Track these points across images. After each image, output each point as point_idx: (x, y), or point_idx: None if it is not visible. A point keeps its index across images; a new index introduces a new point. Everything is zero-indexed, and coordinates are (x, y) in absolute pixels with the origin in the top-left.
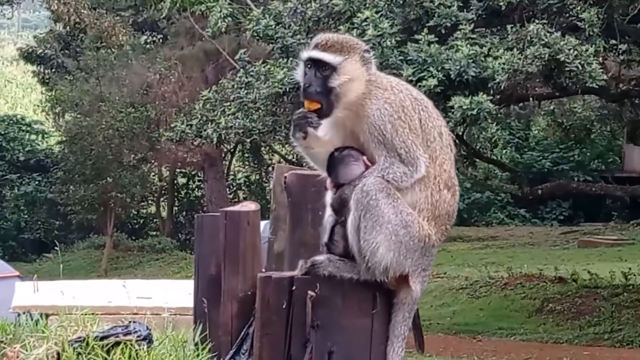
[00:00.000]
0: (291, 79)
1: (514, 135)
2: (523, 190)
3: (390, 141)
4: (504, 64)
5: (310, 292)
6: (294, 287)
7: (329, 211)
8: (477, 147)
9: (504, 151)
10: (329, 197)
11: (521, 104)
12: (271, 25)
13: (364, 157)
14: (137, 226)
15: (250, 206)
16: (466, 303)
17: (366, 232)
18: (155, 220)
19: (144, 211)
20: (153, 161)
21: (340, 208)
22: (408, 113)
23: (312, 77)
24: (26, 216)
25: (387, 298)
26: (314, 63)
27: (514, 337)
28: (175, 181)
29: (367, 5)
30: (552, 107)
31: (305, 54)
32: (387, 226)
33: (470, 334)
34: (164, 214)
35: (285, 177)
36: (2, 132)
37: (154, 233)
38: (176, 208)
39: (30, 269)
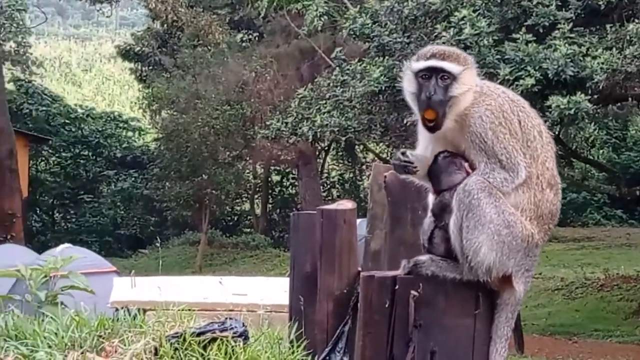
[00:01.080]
0: (387, 78)
1: (612, 135)
2: (620, 190)
3: (492, 148)
4: (602, 63)
5: (413, 292)
6: (396, 287)
7: (429, 213)
8: (574, 147)
9: (601, 151)
10: (430, 199)
11: (619, 104)
12: (368, 24)
13: (466, 164)
14: (231, 223)
15: (347, 205)
16: (562, 304)
17: (468, 231)
18: (249, 217)
19: (238, 208)
20: (248, 158)
21: (441, 213)
22: (508, 117)
23: (435, 86)
24: (122, 212)
25: (490, 298)
26: (434, 72)
27: (610, 339)
28: (270, 179)
29: (465, 4)
30: None
31: (421, 64)
32: (489, 226)
33: (565, 335)
34: (258, 211)
35: (385, 177)
36: (100, 129)
37: (248, 230)
38: (270, 205)
39: (126, 264)
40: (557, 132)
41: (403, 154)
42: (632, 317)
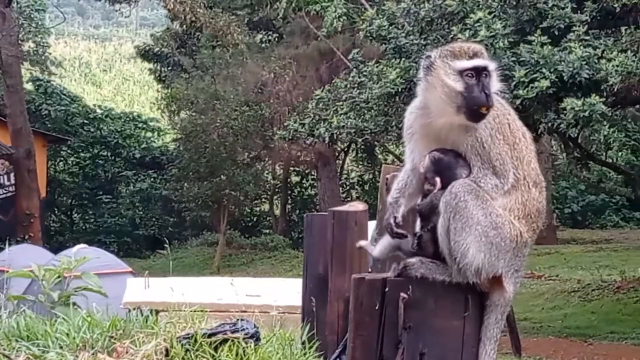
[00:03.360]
0: (404, 79)
1: (630, 137)
2: (637, 193)
3: (488, 153)
4: (617, 66)
5: (402, 294)
6: (386, 289)
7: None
8: (592, 149)
9: (620, 154)
10: (417, 201)
11: (637, 106)
12: (384, 26)
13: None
14: (250, 224)
15: (358, 206)
16: (578, 306)
17: (456, 233)
18: (268, 218)
19: (257, 209)
20: (267, 159)
21: (429, 214)
22: (502, 122)
23: (484, 84)
24: (141, 213)
25: (480, 300)
26: (482, 71)
27: (625, 342)
28: (289, 179)
29: (481, 6)
30: None
31: (467, 63)
32: (476, 227)
33: (581, 338)
34: (277, 212)
35: (387, 179)
36: (119, 129)
37: (267, 231)
38: (289, 206)
39: (144, 265)
40: (573, 135)
41: (395, 220)
42: None
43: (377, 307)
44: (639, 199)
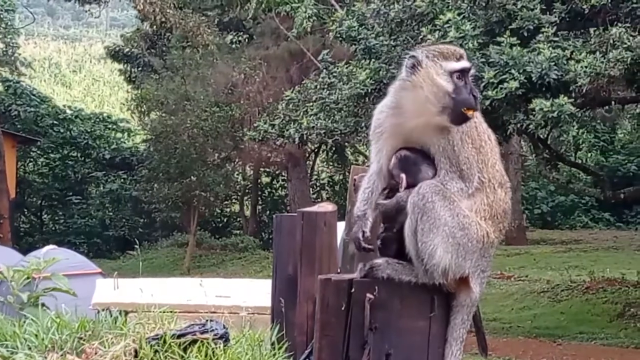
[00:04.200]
0: (374, 80)
1: (599, 138)
2: (606, 194)
3: (457, 157)
4: (586, 67)
5: (368, 295)
6: (352, 290)
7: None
8: (561, 150)
9: (589, 154)
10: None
11: (606, 107)
12: (354, 27)
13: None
14: (220, 225)
15: (328, 207)
16: (547, 307)
17: (423, 234)
18: (238, 219)
19: (228, 210)
20: (237, 160)
21: (396, 214)
22: (470, 125)
23: (474, 87)
24: (111, 214)
25: (446, 301)
26: (467, 73)
27: (594, 342)
28: (259, 180)
29: (450, 7)
30: (637, 111)
31: (457, 64)
32: (443, 228)
33: (550, 338)
34: (248, 213)
35: (355, 180)
36: (89, 130)
37: (237, 232)
38: (260, 207)
39: (114, 265)
40: (543, 136)
41: (364, 235)
42: (616, 319)
43: (343, 308)
44: (608, 200)
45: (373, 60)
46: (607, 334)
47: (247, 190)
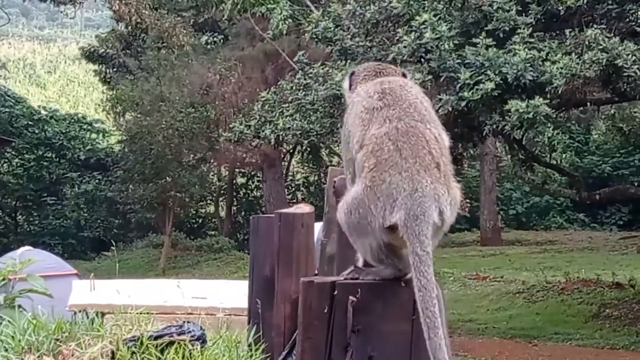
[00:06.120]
0: None
1: (574, 139)
2: (581, 194)
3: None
4: (561, 68)
5: (351, 297)
6: (335, 292)
7: None
8: (536, 151)
9: (564, 155)
10: None
11: (582, 108)
12: (330, 28)
13: None
14: (195, 226)
15: (305, 208)
16: (523, 307)
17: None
18: (213, 220)
19: (203, 211)
20: (212, 161)
21: None
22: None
23: None
24: (86, 214)
25: None
26: None
27: (569, 342)
28: (235, 181)
29: (426, 8)
30: (612, 112)
31: None
32: (351, 228)
33: (526, 339)
34: (223, 213)
35: (335, 181)
36: (64, 131)
37: (213, 233)
38: (235, 208)
39: (89, 267)
40: (518, 137)
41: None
42: (591, 320)
43: (325, 311)
44: (584, 201)
45: (349, 61)
46: (583, 335)
47: (222, 191)
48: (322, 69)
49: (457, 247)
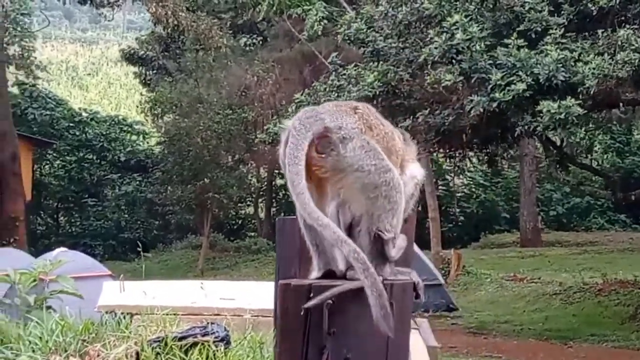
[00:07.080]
0: (382, 83)
1: (615, 139)
2: (616, 195)
3: None
4: (594, 69)
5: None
6: (311, 294)
7: None
8: (576, 151)
9: (605, 156)
10: None
11: (623, 109)
12: (362, 29)
13: None
14: (234, 227)
15: None
16: (559, 309)
17: None
18: (252, 221)
19: (242, 212)
20: (250, 162)
21: None
22: None
23: None
24: (126, 216)
25: None
26: None
27: (605, 344)
28: (273, 182)
29: (458, 9)
30: None
31: None
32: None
33: (562, 340)
34: (262, 215)
35: None
36: (104, 133)
37: (252, 234)
38: (274, 209)
39: (129, 268)
40: (555, 138)
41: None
42: (628, 321)
43: (302, 313)
44: (619, 201)
45: (381, 62)
46: (619, 336)
47: (261, 193)
48: (355, 70)
49: (497, 249)
